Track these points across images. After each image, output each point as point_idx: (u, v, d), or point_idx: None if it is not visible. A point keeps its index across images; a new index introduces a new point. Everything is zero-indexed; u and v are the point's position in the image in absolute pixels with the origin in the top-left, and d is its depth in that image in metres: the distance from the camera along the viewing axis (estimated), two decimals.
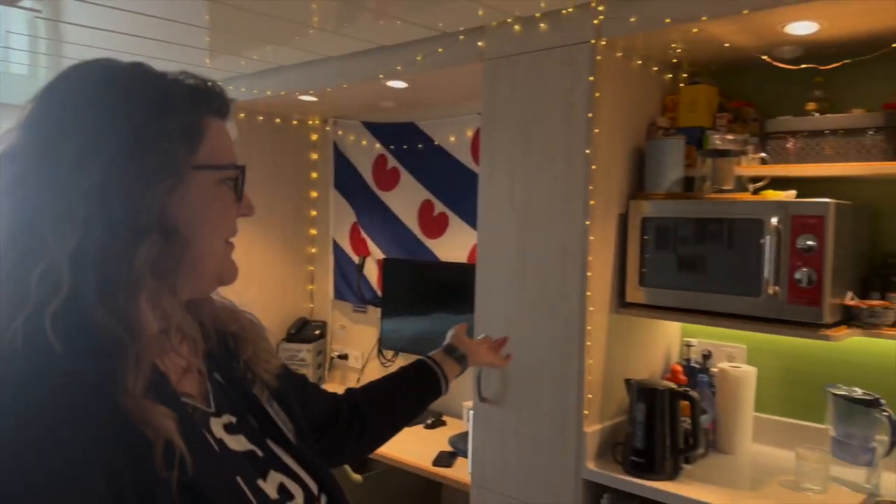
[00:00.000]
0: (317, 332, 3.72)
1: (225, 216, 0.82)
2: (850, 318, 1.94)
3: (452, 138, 3.20)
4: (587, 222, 2.09)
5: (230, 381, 0.87)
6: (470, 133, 3.12)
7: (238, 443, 0.82)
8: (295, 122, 3.77)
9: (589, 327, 2.10)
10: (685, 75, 2.43)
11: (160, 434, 0.66)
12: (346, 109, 3.55)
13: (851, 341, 2.05)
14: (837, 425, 2.04)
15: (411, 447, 2.72)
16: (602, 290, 2.16)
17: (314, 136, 3.85)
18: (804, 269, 1.84)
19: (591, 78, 2.08)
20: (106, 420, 0.63)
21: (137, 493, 0.64)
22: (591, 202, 2.08)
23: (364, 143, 3.59)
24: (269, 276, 3.70)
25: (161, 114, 0.72)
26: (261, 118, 3.62)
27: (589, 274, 2.09)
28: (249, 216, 0.86)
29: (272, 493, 0.80)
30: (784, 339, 2.24)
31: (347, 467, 2.68)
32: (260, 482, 0.79)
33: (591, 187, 2.08)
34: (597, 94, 2.08)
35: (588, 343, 2.10)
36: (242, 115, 3.54)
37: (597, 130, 2.10)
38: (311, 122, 3.83)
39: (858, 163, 1.94)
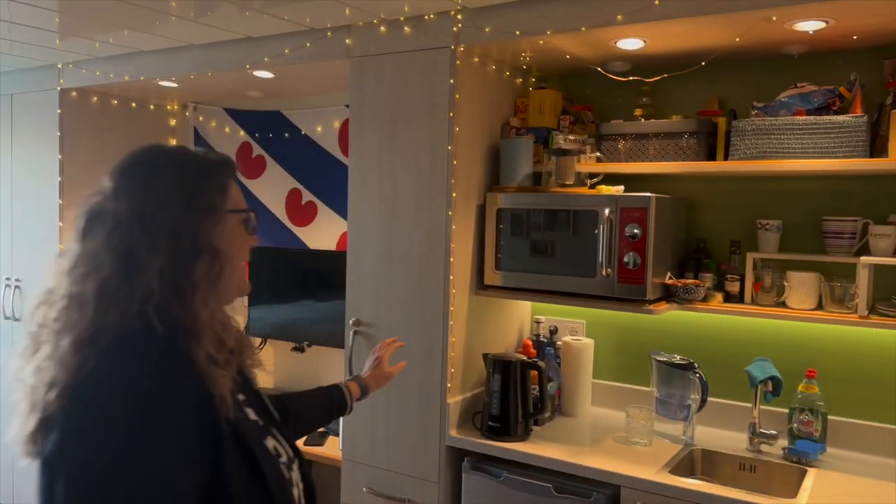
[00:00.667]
0: None
1: (245, 244, 1.15)
2: (669, 295, 2.27)
3: (320, 129, 3.29)
4: (449, 213, 2.28)
5: (240, 372, 1.18)
6: (337, 124, 3.22)
7: (252, 413, 1.15)
8: (152, 107, 3.67)
9: (452, 308, 2.31)
10: (534, 80, 2.69)
11: (219, 389, 1.00)
12: (208, 95, 3.52)
13: (671, 314, 2.41)
14: (660, 387, 2.39)
15: None
16: (463, 275, 2.37)
17: (172, 122, 3.77)
18: (631, 254, 2.14)
19: (452, 80, 2.27)
20: (186, 374, 0.99)
21: (211, 434, 0.98)
22: (453, 195, 2.28)
23: (227, 130, 3.58)
24: None
25: (205, 177, 1.10)
26: (115, 102, 3.49)
27: (451, 260, 2.29)
28: (257, 245, 1.18)
29: (281, 457, 1.14)
30: (616, 314, 2.58)
31: None
32: (264, 442, 1.13)
33: (452, 181, 2.28)
34: (457, 96, 2.28)
35: (451, 322, 2.31)
36: (95, 98, 3.41)
37: (457, 129, 2.29)
38: (169, 107, 3.74)
39: (676, 162, 2.27)
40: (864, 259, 2.01)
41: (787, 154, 2.08)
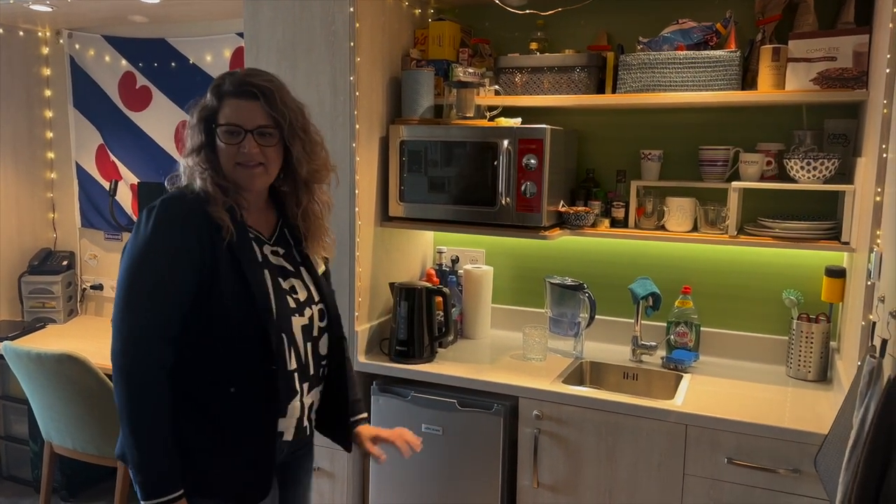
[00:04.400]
0: (64, 262, 3.50)
1: (232, 149, 1.49)
2: (562, 222, 2.42)
3: (209, 57, 3.16)
4: (353, 145, 2.30)
5: (295, 240, 1.64)
6: (228, 53, 3.11)
7: (276, 259, 1.57)
8: (21, 34, 3.38)
9: (358, 240, 2.35)
10: (432, 11, 2.70)
11: (224, 222, 1.45)
12: (84, 21, 3.28)
13: (563, 240, 2.57)
14: (553, 307, 2.56)
15: None
16: (368, 206, 2.41)
17: (45, 50, 3.49)
18: (528, 183, 2.26)
19: (352, 9, 2.24)
20: (202, 213, 1.45)
21: (212, 257, 1.44)
22: (357, 126, 2.30)
23: (107, 59, 3.37)
24: (7, 205, 3.37)
25: (208, 99, 1.52)
26: None
27: (357, 192, 2.33)
28: (245, 160, 1.49)
29: (286, 287, 1.55)
30: (513, 241, 2.71)
31: None
32: (280, 280, 1.55)
33: (356, 112, 2.28)
34: (357, 24, 2.26)
35: (357, 253, 2.36)
36: None
37: (359, 59, 2.28)
38: (41, 34, 3.46)
39: (568, 95, 2.38)
40: (734, 184, 2.22)
41: (668, 87, 2.23)
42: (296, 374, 1.54)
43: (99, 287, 3.56)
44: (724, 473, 1.96)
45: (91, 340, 3.09)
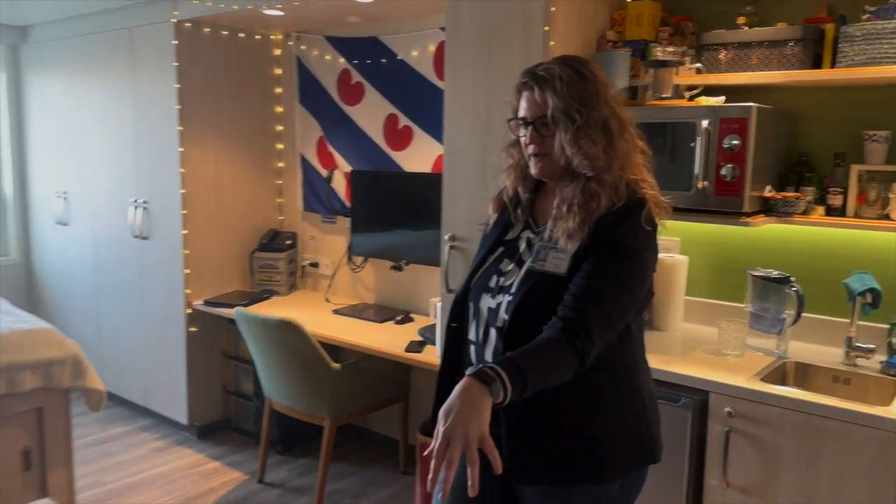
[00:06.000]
0: (288, 242, 3.93)
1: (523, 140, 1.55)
2: (767, 208, 2.25)
3: (415, 53, 3.36)
4: None
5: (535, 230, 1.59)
6: (432, 48, 3.28)
7: (523, 244, 1.57)
8: (258, 37, 3.85)
9: None
10: None
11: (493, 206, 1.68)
12: (310, 24, 3.65)
13: (769, 229, 2.39)
14: (754, 302, 2.39)
15: (385, 339, 3.01)
16: None
17: (277, 51, 3.94)
18: (729, 166, 2.13)
19: None
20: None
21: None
22: None
23: (328, 57, 3.71)
24: (238, 189, 3.86)
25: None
26: (225, 33, 3.69)
27: None
28: (529, 152, 1.52)
29: (501, 268, 1.56)
30: (712, 230, 2.57)
31: (326, 356, 2.95)
32: (506, 259, 1.57)
33: None
34: (552, 9, 2.28)
35: None
36: (207, 29, 3.61)
37: (552, 43, 2.31)
38: (273, 37, 3.91)
39: (779, 71, 2.21)
40: None
41: None
42: (472, 346, 1.59)
43: (315, 265, 3.94)
44: None
45: (307, 311, 3.43)
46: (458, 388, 1.25)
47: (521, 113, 1.51)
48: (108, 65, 3.96)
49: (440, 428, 1.23)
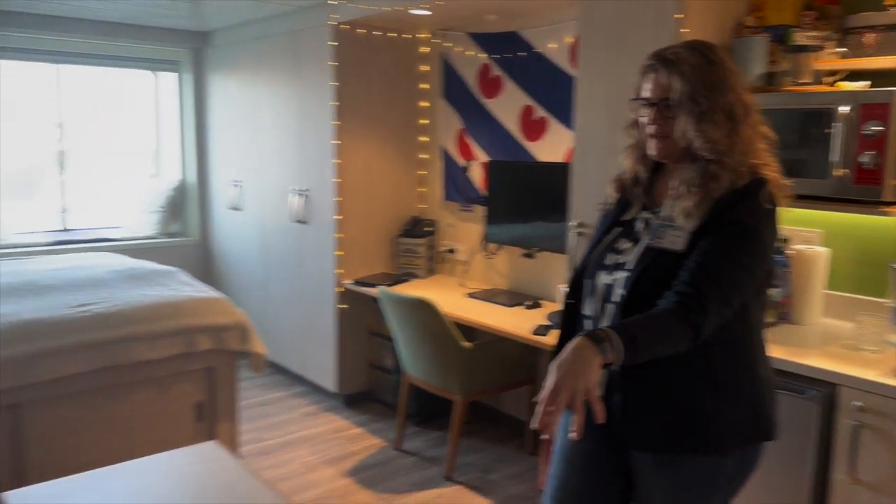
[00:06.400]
0: (427, 229, 4.17)
1: (642, 120, 1.60)
2: None
3: (552, 45, 3.45)
4: None
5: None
6: (569, 39, 3.36)
7: (640, 224, 1.63)
8: (407, 37, 4.11)
9: None
10: None
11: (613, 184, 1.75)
12: (454, 21, 3.85)
13: None
14: None
15: (515, 322, 3.15)
16: None
17: (424, 49, 4.17)
18: (869, 153, 2.04)
19: None
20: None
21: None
22: None
23: (469, 53, 3.89)
24: (385, 179, 4.15)
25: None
26: (377, 33, 3.98)
27: None
28: (650, 132, 1.56)
29: (618, 247, 1.63)
30: (856, 223, 2.46)
31: (458, 335, 3.13)
32: (622, 238, 1.64)
33: None
34: None
35: None
36: (362, 31, 3.91)
37: (686, 30, 2.32)
38: (420, 36, 4.15)
39: None
40: None
41: None
42: (589, 321, 1.67)
43: (452, 251, 4.14)
44: None
45: (443, 293, 3.64)
46: (570, 344, 1.36)
47: (645, 94, 1.55)
48: (276, 65, 4.39)
49: (550, 379, 1.33)
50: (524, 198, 3.59)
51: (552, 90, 3.48)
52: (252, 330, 3.24)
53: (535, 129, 3.60)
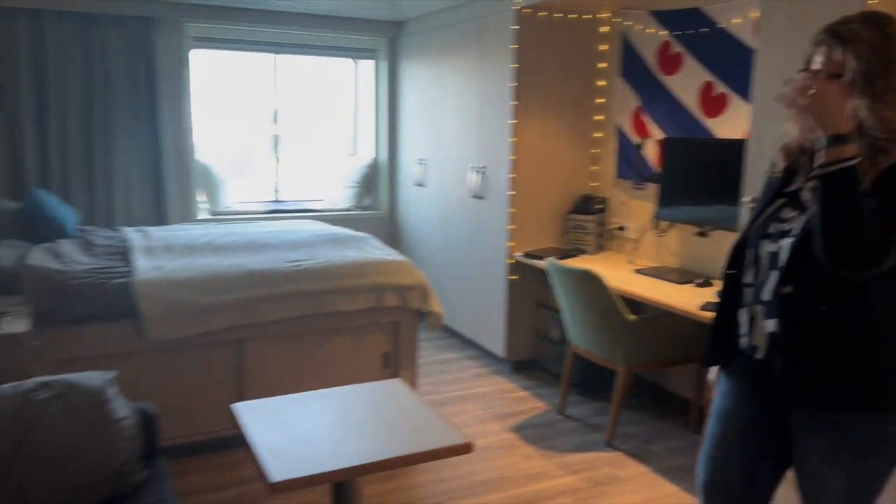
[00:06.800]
0: (598, 206, 4.27)
1: None
2: None
3: (736, 20, 3.39)
4: None
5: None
6: (753, 14, 3.28)
7: (806, 193, 1.61)
8: (587, 17, 4.21)
9: None
10: None
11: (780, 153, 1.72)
12: (636, 0, 3.89)
13: None
14: None
15: (683, 298, 3.18)
16: None
17: (604, 29, 4.25)
18: None
19: None
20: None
21: None
22: None
23: (650, 31, 3.92)
24: (558, 157, 4.31)
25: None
26: (558, 15, 4.13)
27: None
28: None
29: (782, 216, 1.65)
30: None
31: (622, 307, 3.24)
32: (787, 208, 1.64)
33: None
34: None
35: None
36: (543, 13, 4.08)
37: (873, 0, 2.24)
38: (601, 16, 4.23)
39: None
40: None
41: None
42: (749, 289, 1.70)
43: (622, 228, 4.21)
44: None
45: (610, 268, 3.74)
46: None
47: (816, 66, 1.53)
48: (461, 51, 4.70)
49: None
50: (699, 175, 3.58)
51: (734, 66, 3.42)
52: (432, 291, 3.58)
53: (714, 105, 3.57)
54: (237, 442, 2.17)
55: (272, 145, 5.65)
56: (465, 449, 2.07)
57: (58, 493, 1.84)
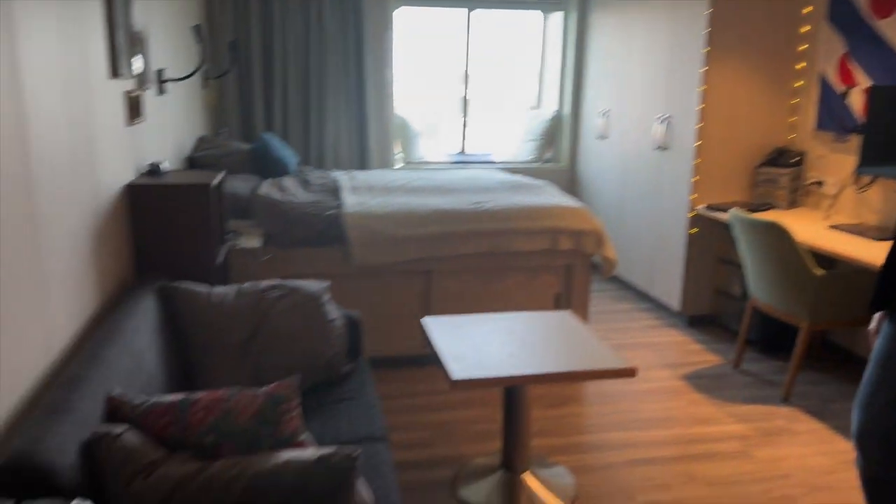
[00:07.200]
0: (794, 160, 4.06)
1: None
2: None
3: None
4: None
5: None
6: None
7: None
8: None
9: None
10: None
11: None
12: None
13: None
14: None
15: (880, 254, 3.01)
16: None
17: None
18: None
19: None
20: None
21: None
22: None
23: None
24: (751, 106, 4.15)
25: None
26: None
27: None
28: None
29: None
30: None
31: (809, 260, 3.13)
32: None
33: None
34: None
35: None
36: None
37: None
38: None
39: None
40: None
41: None
42: None
43: (819, 183, 3.99)
44: None
45: (802, 224, 3.60)
46: None
47: None
48: None
49: None
50: None
51: None
52: (607, 237, 3.69)
53: None
54: (423, 360, 2.49)
55: (461, 107, 5.95)
56: (629, 373, 2.22)
57: (284, 372, 2.26)
